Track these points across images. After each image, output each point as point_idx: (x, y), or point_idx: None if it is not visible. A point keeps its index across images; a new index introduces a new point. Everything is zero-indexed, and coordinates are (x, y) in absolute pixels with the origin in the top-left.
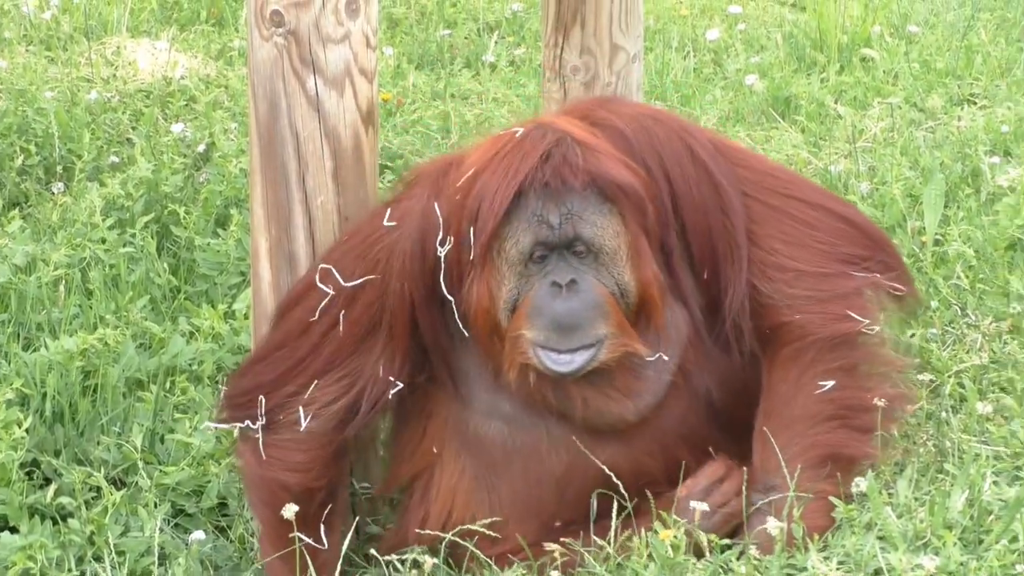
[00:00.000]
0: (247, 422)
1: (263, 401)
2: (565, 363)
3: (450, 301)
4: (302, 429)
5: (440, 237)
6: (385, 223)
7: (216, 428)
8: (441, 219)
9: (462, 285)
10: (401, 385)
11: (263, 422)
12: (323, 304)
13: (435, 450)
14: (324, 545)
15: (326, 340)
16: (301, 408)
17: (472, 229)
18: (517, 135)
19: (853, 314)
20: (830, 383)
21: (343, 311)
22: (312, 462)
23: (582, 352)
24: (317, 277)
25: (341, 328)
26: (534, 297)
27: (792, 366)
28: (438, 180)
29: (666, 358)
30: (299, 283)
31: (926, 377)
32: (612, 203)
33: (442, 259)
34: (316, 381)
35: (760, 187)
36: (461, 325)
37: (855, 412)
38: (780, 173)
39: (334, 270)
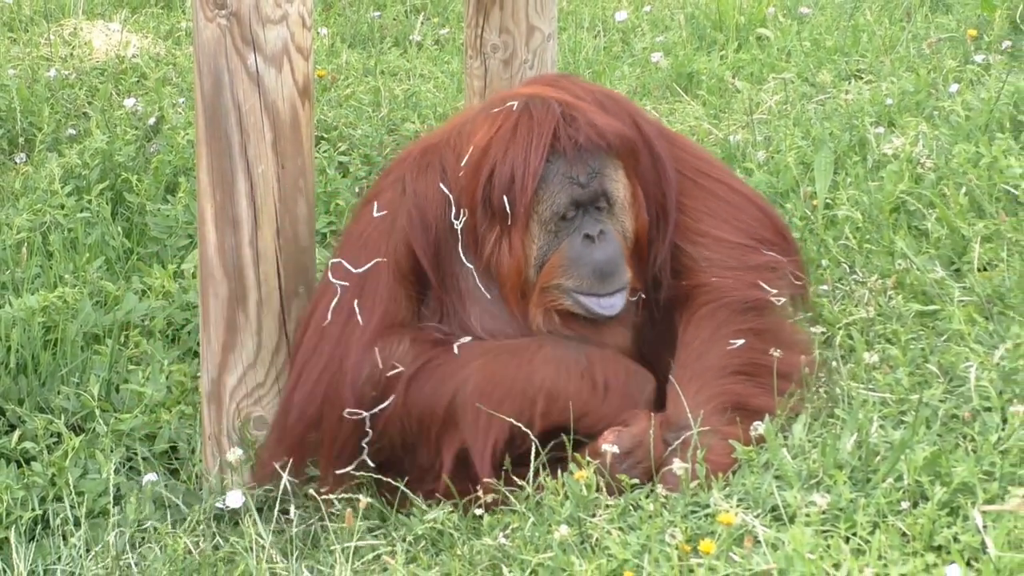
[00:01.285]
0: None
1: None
2: (608, 306)
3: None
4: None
5: (454, 212)
6: (375, 214)
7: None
8: (452, 196)
9: (478, 249)
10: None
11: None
12: (335, 302)
13: None
14: None
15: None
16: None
17: (506, 197)
18: (515, 108)
19: (764, 284)
20: (740, 341)
21: (356, 300)
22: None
23: (619, 295)
24: (330, 273)
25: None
26: (568, 250)
27: (706, 324)
28: (417, 162)
29: (644, 296)
30: (311, 301)
31: (818, 329)
32: (620, 159)
33: (459, 232)
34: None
35: (693, 168)
36: (481, 286)
37: (761, 371)
38: (712, 160)
39: (344, 262)
